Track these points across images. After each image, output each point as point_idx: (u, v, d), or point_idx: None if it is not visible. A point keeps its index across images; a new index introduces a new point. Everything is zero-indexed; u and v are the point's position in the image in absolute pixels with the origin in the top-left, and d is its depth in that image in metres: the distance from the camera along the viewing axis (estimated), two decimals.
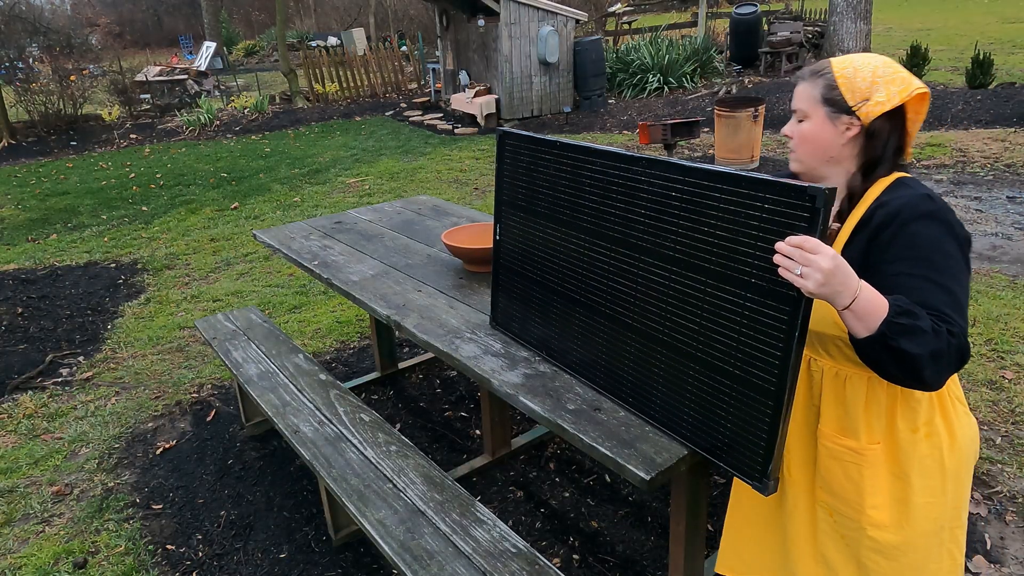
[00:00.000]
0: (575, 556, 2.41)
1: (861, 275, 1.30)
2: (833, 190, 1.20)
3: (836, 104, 1.41)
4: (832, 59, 1.46)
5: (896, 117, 1.41)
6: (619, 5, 16.08)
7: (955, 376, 1.48)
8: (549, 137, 1.81)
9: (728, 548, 1.81)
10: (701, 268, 1.43)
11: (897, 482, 1.46)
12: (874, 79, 1.39)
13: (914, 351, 1.22)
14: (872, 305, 1.22)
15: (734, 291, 1.36)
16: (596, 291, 1.71)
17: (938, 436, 1.44)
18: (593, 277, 1.71)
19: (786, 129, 1.51)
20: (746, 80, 11.01)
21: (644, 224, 1.55)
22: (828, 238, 1.39)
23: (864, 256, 1.38)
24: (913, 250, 1.32)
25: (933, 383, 1.29)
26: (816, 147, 1.45)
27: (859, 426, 1.46)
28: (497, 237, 2.02)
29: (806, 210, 1.22)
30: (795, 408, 1.56)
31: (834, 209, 1.46)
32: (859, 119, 1.40)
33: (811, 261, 1.18)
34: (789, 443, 1.61)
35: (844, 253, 1.40)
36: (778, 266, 1.22)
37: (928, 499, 1.46)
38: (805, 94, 1.46)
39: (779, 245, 1.22)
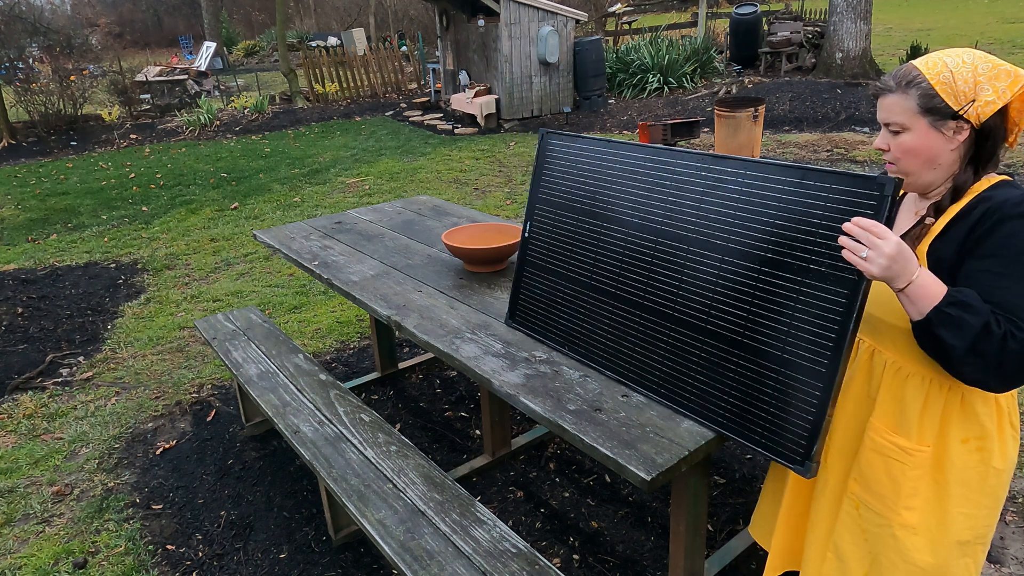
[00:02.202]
0: (575, 556, 2.41)
1: (953, 269, 1.33)
2: (901, 180, 1.27)
3: (939, 112, 1.36)
4: (916, 63, 1.40)
5: (1002, 110, 1.37)
6: (619, 5, 16.08)
7: (1014, 401, 1.46)
8: (596, 136, 1.91)
9: (760, 515, 1.82)
10: (755, 256, 1.49)
11: (937, 488, 1.45)
12: (976, 78, 1.34)
13: (950, 342, 1.25)
14: (926, 290, 1.26)
15: (790, 277, 1.42)
16: (634, 283, 1.76)
17: (988, 452, 1.43)
18: (631, 269, 1.77)
19: (879, 143, 1.45)
20: (746, 80, 11.01)
21: (696, 216, 1.62)
22: (921, 232, 1.41)
23: (958, 251, 1.35)
24: (1004, 248, 1.29)
25: (977, 381, 1.28)
26: (923, 158, 1.40)
27: (912, 427, 1.45)
28: (526, 234, 2.07)
29: (873, 198, 1.30)
30: (850, 398, 1.57)
31: (929, 203, 1.44)
32: (968, 122, 1.36)
33: (877, 245, 1.24)
34: (832, 429, 1.59)
35: (935, 245, 1.38)
36: (841, 249, 1.28)
37: (964, 510, 1.44)
38: (898, 106, 1.40)
39: (847, 226, 1.27)
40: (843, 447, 1.58)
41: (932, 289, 1.27)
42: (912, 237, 1.43)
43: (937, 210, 1.41)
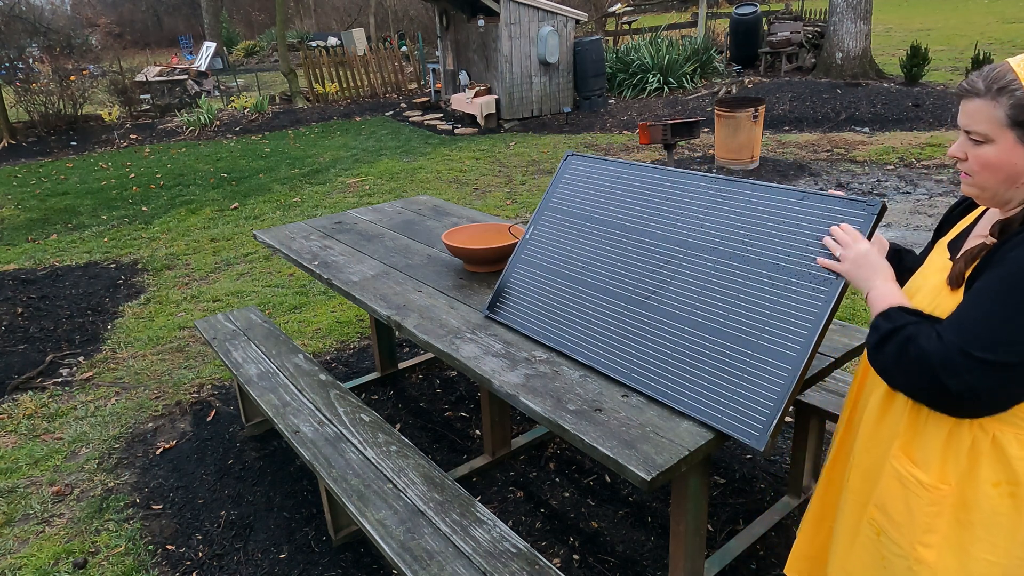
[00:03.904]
0: (575, 556, 2.41)
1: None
2: (885, 207, 1.45)
3: None
4: (1013, 63, 1.22)
5: None
6: (619, 5, 16.08)
7: None
8: (618, 160, 2.18)
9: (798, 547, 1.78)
10: (748, 259, 1.69)
11: (960, 528, 1.33)
12: None
13: (868, 339, 1.34)
14: (882, 300, 1.34)
15: (779, 277, 1.62)
16: (623, 278, 1.92)
17: (1023, 500, 1.27)
18: (623, 266, 1.95)
19: (955, 151, 1.30)
20: (746, 80, 11.01)
21: (699, 225, 1.85)
22: (976, 253, 1.30)
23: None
24: (1000, 267, 1.19)
25: (887, 377, 1.29)
26: (1004, 175, 1.24)
27: (933, 462, 1.34)
28: (527, 236, 2.24)
29: (861, 218, 1.51)
30: (875, 425, 1.50)
31: (989, 220, 1.34)
32: None
33: (849, 245, 1.44)
34: (857, 452, 1.53)
35: (975, 270, 1.27)
36: (824, 249, 1.46)
37: (991, 558, 1.31)
38: (984, 114, 1.22)
39: (834, 228, 1.49)
40: (869, 472, 1.50)
41: (887, 300, 1.32)
42: (965, 258, 1.30)
43: (1002, 231, 1.25)
